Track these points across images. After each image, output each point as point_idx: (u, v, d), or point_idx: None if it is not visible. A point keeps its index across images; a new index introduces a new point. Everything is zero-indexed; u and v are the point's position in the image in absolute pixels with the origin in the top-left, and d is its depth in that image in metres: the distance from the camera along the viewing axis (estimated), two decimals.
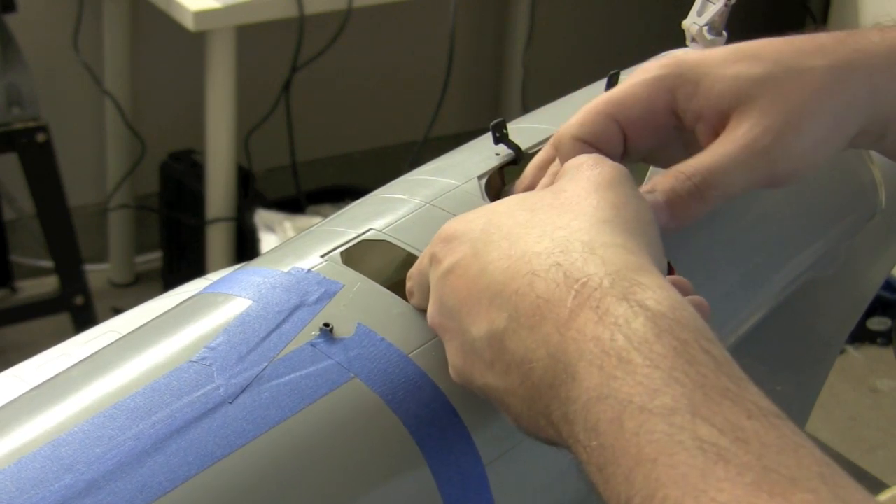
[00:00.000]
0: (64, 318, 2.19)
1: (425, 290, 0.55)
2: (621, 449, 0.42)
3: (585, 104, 0.60)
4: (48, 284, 2.39)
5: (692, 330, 0.45)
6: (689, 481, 0.40)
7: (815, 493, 0.39)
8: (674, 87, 0.58)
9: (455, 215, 0.57)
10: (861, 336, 2.37)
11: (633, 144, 0.60)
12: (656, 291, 0.46)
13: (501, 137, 0.68)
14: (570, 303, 0.46)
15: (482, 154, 0.68)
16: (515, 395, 0.48)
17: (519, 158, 0.68)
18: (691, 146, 0.59)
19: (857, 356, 2.38)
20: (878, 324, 2.39)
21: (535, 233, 0.50)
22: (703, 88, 0.58)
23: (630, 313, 0.45)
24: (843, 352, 2.35)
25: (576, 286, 0.46)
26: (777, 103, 0.56)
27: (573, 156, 0.56)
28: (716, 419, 0.41)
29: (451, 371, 0.52)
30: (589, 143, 0.59)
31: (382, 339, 0.54)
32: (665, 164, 0.59)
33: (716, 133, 0.57)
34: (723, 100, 0.57)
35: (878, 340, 2.38)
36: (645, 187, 0.57)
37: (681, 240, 0.60)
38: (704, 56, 0.59)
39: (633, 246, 0.49)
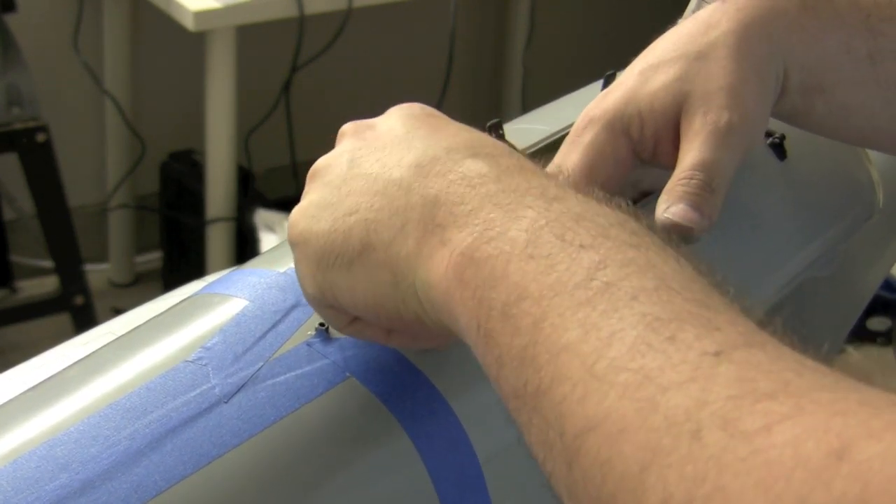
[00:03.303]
0: (64, 318, 2.19)
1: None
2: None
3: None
4: (48, 284, 2.39)
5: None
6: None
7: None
8: (626, 128, 0.60)
9: None
10: (861, 336, 2.37)
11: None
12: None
13: (498, 138, 0.67)
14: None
15: None
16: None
17: None
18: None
19: (857, 356, 2.38)
20: (878, 324, 2.39)
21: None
22: (646, 113, 0.60)
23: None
24: (842, 352, 2.35)
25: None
26: (708, 86, 0.59)
27: None
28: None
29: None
30: None
31: None
32: None
33: (675, 146, 0.59)
34: (667, 113, 0.60)
35: (878, 340, 2.38)
36: (659, 210, 0.57)
37: None
38: (625, 86, 0.61)
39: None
